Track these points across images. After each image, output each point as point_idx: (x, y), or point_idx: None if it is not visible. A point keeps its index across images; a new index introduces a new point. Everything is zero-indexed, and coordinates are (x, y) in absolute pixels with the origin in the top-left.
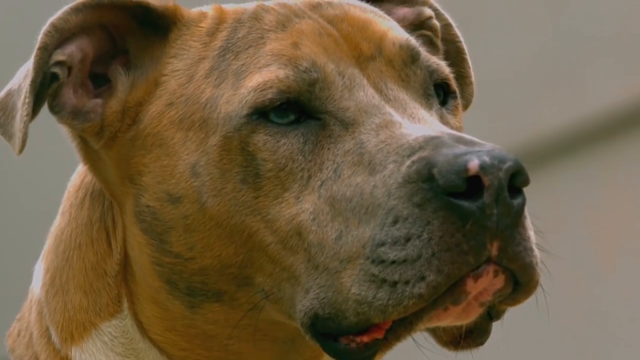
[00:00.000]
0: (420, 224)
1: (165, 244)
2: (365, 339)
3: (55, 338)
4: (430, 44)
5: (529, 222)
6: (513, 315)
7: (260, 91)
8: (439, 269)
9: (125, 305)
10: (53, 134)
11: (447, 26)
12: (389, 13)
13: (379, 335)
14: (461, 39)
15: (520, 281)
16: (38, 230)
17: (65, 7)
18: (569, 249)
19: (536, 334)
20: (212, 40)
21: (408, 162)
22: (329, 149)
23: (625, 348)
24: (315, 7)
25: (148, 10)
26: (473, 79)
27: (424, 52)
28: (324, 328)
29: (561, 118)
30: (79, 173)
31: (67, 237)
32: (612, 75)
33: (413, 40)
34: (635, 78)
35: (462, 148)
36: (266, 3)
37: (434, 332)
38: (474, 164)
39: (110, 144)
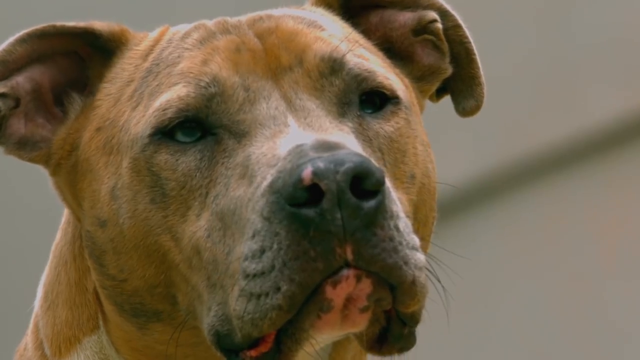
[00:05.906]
0: (270, 236)
1: (103, 267)
2: (253, 353)
3: (47, 351)
4: (434, 47)
5: (395, 222)
6: (516, 313)
7: (162, 111)
8: (291, 278)
9: (101, 322)
10: None
11: (455, 27)
12: (390, 20)
13: (265, 349)
14: (470, 40)
15: (392, 283)
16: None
17: (10, 39)
18: (571, 255)
19: (540, 335)
20: (143, 62)
21: (268, 175)
22: (222, 163)
23: (629, 349)
24: (255, 21)
25: (95, 35)
26: (483, 79)
27: (353, 61)
28: (226, 344)
29: (561, 128)
30: None
31: (58, 253)
32: (612, 85)
33: (339, 52)
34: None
35: (307, 157)
36: (208, 21)
37: (356, 337)
38: (307, 172)
39: (57, 171)
